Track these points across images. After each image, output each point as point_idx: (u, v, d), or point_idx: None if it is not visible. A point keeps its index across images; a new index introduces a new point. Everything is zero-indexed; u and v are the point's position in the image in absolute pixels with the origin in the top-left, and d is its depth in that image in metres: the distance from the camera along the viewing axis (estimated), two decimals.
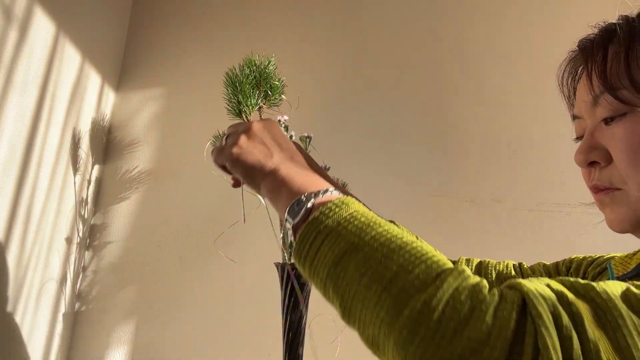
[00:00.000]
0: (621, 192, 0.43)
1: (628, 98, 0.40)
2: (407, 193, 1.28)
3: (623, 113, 0.41)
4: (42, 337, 1.12)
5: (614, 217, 0.44)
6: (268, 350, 1.19)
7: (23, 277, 1.05)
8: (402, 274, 0.32)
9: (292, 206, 0.42)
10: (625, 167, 0.41)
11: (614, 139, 0.42)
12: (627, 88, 0.40)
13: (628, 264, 0.50)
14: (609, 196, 0.44)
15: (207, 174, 1.30)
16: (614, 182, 0.43)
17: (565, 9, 1.35)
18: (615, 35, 0.43)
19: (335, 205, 0.39)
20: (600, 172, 0.45)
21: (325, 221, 0.38)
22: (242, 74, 0.87)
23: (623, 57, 0.41)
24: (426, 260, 0.32)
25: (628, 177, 0.41)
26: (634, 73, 0.40)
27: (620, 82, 0.41)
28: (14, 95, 1.00)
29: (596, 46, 0.44)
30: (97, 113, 1.34)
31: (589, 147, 0.45)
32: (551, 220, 1.22)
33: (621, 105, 0.41)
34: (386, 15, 1.43)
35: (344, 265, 0.35)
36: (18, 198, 1.02)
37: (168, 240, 1.30)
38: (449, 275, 0.31)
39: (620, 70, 0.41)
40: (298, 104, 0.99)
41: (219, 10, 1.49)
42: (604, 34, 0.44)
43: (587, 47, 0.45)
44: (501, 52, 1.35)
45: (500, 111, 1.31)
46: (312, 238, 0.38)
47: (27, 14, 1.03)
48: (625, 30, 0.42)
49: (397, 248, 0.34)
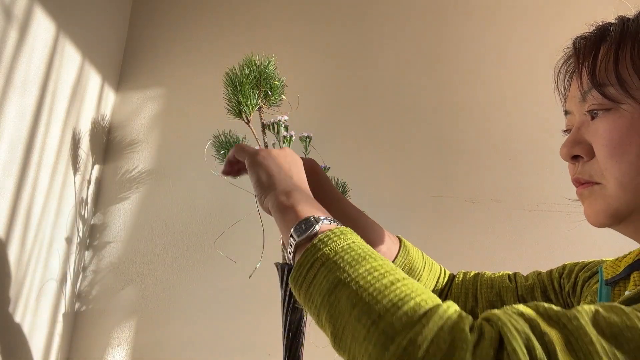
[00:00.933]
0: (600, 186, 0.44)
1: (613, 95, 0.41)
2: (407, 193, 1.28)
3: (607, 109, 0.42)
4: (42, 337, 1.12)
5: (590, 211, 0.45)
6: (268, 350, 1.19)
7: (23, 277, 1.05)
8: (391, 310, 0.33)
9: (300, 224, 0.45)
10: (604, 162, 0.42)
11: (596, 134, 0.43)
12: (613, 85, 0.41)
13: (618, 266, 0.51)
14: (588, 190, 0.45)
15: (207, 174, 1.30)
16: (594, 176, 0.44)
17: (564, 11, 1.35)
18: (609, 34, 0.44)
19: (334, 234, 0.41)
20: (583, 166, 0.46)
21: (324, 249, 0.40)
22: (242, 74, 0.87)
23: (612, 55, 0.42)
24: (415, 298, 0.34)
25: (606, 171, 0.42)
26: (621, 71, 0.41)
27: (607, 79, 0.42)
28: (14, 95, 1.00)
29: (589, 44, 0.45)
30: (97, 113, 1.34)
31: (574, 141, 0.46)
32: (551, 220, 1.22)
33: (606, 101, 0.42)
34: (386, 15, 1.43)
35: (337, 295, 0.36)
36: (18, 198, 1.02)
37: (168, 240, 1.30)
38: (435, 313, 0.32)
39: (609, 67, 0.42)
40: (298, 104, 0.99)
41: (219, 10, 1.49)
42: (598, 32, 0.45)
43: (581, 44, 0.46)
44: (501, 53, 1.35)
45: (500, 111, 1.31)
46: (309, 265, 0.40)
47: (27, 14, 1.03)
48: (618, 29, 0.43)
49: (389, 284, 0.35)
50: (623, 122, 0.41)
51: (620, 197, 0.42)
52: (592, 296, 0.52)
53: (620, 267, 0.50)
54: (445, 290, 0.67)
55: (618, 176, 0.41)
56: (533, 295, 0.61)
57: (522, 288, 0.62)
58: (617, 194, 0.42)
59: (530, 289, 0.61)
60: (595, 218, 0.44)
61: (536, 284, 0.61)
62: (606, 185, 0.43)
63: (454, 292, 0.66)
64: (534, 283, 0.62)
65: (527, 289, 0.61)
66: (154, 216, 1.32)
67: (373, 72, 1.38)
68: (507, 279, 0.65)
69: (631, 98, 0.41)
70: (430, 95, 1.35)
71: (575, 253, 1.17)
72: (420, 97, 1.35)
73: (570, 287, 0.58)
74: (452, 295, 0.66)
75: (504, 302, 0.62)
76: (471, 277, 0.67)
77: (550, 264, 1.25)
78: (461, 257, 1.20)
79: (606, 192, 0.43)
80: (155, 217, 1.32)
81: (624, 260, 0.51)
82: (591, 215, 0.45)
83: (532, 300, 0.60)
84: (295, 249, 0.45)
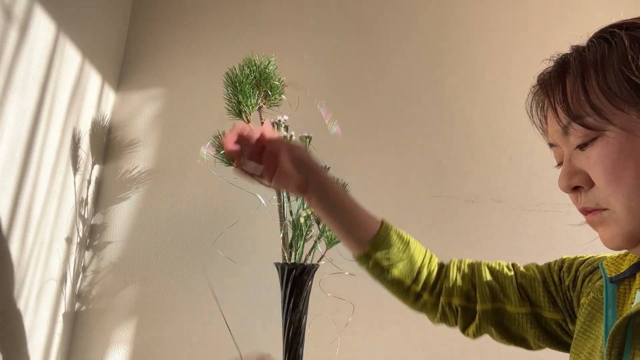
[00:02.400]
0: (608, 212, 0.44)
1: (594, 124, 0.42)
2: (407, 193, 1.28)
3: (594, 138, 0.43)
4: (42, 337, 1.12)
5: (606, 237, 0.45)
6: (268, 351, 1.19)
7: (23, 277, 1.05)
8: None
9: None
10: (605, 188, 0.43)
11: (590, 163, 0.44)
12: (591, 115, 0.42)
13: (620, 264, 0.51)
14: (598, 217, 0.45)
15: (207, 174, 1.30)
16: (599, 202, 0.45)
17: (562, 14, 1.35)
18: (570, 66, 0.45)
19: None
20: (586, 194, 0.46)
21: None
22: (242, 74, 0.87)
23: (580, 87, 0.43)
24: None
25: (610, 197, 0.43)
26: (593, 100, 0.42)
27: (582, 110, 0.43)
28: (14, 95, 1.00)
29: (554, 80, 0.46)
30: (97, 113, 1.33)
31: (569, 173, 0.47)
32: (551, 220, 1.22)
33: (589, 131, 0.43)
34: (386, 16, 1.43)
35: None
36: (18, 198, 1.02)
37: (168, 240, 1.30)
38: None
39: (580, 99, 0.43)
40: (298, 104, 0.99)
41: (219, 10, 1.49)
42: (559, 67, 0.47)
43: (546, 81, 0.48)
44: (501, 53, 1.36)
45: (500, 112, 1.31)
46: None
47: (27, 14, 1.03)
48: (577, 61, 0.44)
49: None
50: (612, 148, 0.41)
51: (630, 220, 0.42)
52: (595, 293, 0.53)
53: (623, 264, 0.51)
54: (441, 275, 0.66)
55: (623, 201, 0.42)
56: (532, 285, 0.61)
57: (521, 276, 0.62)
58: (627, 218, 0.42)
59: (530, 279, 0.62)
60: (612, 243, 0.44)
61: (536, 275, 0.62)
62: (615, 210, 0.43)
63: (452, 275, 0.65)
64: (534, 274, 0.62)
65: (527, 279, 0.62)
66: (154, 216, 1.32)
67: (373, 72, 1.38)
68: (505, 267, 0.65)
69: (611, 124, 0.41)
70: (431, 95, 1.35)
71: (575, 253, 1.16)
72: (421, 97, 1.35)
73: (571, 281, 0.58)
74: (449, 279, 0.65)
75: (504, 288, 0.62)
76: (469, 264, 0.67)
77: None
78: (461, 257, 1.20)
79: (616, 217, 0.43)
80: (155, 217, 1.32)
81: (626, 258, 0.51)
82: (608, 241, 0.45)
83: (532, 290, 0.61)
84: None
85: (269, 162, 0.61)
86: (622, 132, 0.41)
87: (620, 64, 0.41)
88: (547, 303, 0.59)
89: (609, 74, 0.41)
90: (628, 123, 0.40)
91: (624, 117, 0.41)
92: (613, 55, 0.41)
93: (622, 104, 0.40)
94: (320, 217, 0.65)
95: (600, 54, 0.42)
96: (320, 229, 0.93)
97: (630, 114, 0.40)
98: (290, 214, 0.93)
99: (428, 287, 0.65)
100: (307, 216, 0.88)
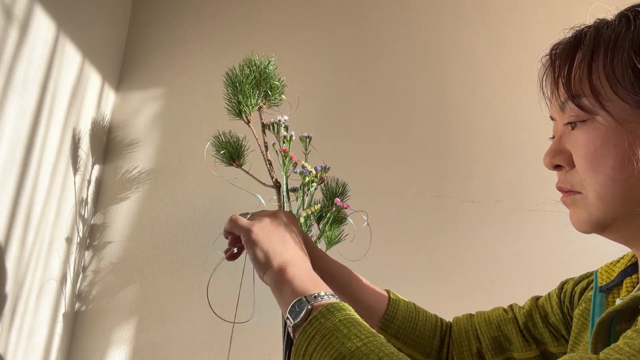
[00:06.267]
0: (581, 196, 0.44)
1: (588, 106, 0.41)
2: (407, 193, 1.28)
3: (584, 120, 0.42)
4: (42, 337, 1.12)
5: (574, 219, 0.46)
6: (268, 351, 1.20)
7: (23, 277, 1.04)
8: None
9: (293, 306, 0.47)
10: (583, 173, 0.43)
11: (575, 145, 0.44)
12: (588, 96, 0.41)
13: (612, 271, 0.51)
14: (570, 198, 0.46)
15: (207, 174, 1.30)
16: (575, 185, 0.45)
17: (564, 12, 1.35)
18: (584, 40, 0.43)
19: (322, 315, 0.44)
20: (565, 175, 0.46)
21: (313, 334, 0.43)
22: (242, 74, 0.87)
23: (586, 66, 0.42)
24: None
25: (585, 182, 0.43)
26: (595, 81, 0.41)
27: (582, 90, 0.42)
28: (14, 95, 0.99)
29: (565, 52, 0.45)
30: (97, 113, 1.33)
31: (555, 151, 0.46)
32: (551, 219, 1.22)
33: (582, 112, 0.42)
34: (386, 16, 1.43)
35: None
36: (18, 198, 1.02)
37: (168, 240, 1.30)
38: None
39: (582, 78, 0.42)
40: (298, 104, 0.99)
41: (219, 10, 1.49)
42: (574, 39, 0.45)
43: (558, 52, 0.46)
44: (501, 53, 1.35)
45: (500, 111, 1.31)
46: (304, 350, 0.44)
47: (27, 14, 1.03)
48: (592, 37, 0.42)
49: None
50: (597, 135, 0.41)
51: (599, 207, 0.42)
52: (586, 303, 0.52)
53: (615, 272, 0.50)
54: (446, 339, 0.66)
55: (596, 187, 0.41)
56: (532, 319, 0.61)
57: (520, 316, 0.62)
58: (596, 205, 0.42)
59: (529, 314, 0.61)
60: (579, 226, 0.45)
61: (534, 308, 0.61)
62: (587, 195, 0.43)
63: (455, 338, 0.65)
64: (532, 308, 0.61)
65: (526, 315, 0.61)
66: (154, 216, 1.32)
67: (373, 72, 1.38)
68: (502, 311, 0.64)
69: (604, 110, 0.40)
70: (430, 94, 1.35)
71: (574, 253, 1.17)
72: (421, 96, 1.35)
73: (569, 301, 0.58)
74: (454, 342, 0.65)
75: (506, 335, 0.61)
76: (467, 319, 0.66)
77: (550, 263, 1.25)
78: (461, 257, 1.20)
79: (587, 202, 0.43)
80: (155, 217, 1.32)
81: (617, 265, 0.51)
82: (575, 223, 0.46)
83: (534, 326, 0.60)
84: (294, 330, 0.47)
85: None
86: (612, 120, 0.40)
87: (631, 48, 0.39)
88: (550, 338, 0.59)
89: (617, 57, 0.40)
90: (620, 112, 0.39)
91: (619, 106, 0.40)
92: (627, 38, 0.40)
93: (621, 91, 0.39)
94: None
95: (617, 33, 0.40)
96: (320, 229, 0.93)
97: (627, 103, 0.39)
98: None
99: (443, 357, 0.65)
100: (307, 216, 0.87)
